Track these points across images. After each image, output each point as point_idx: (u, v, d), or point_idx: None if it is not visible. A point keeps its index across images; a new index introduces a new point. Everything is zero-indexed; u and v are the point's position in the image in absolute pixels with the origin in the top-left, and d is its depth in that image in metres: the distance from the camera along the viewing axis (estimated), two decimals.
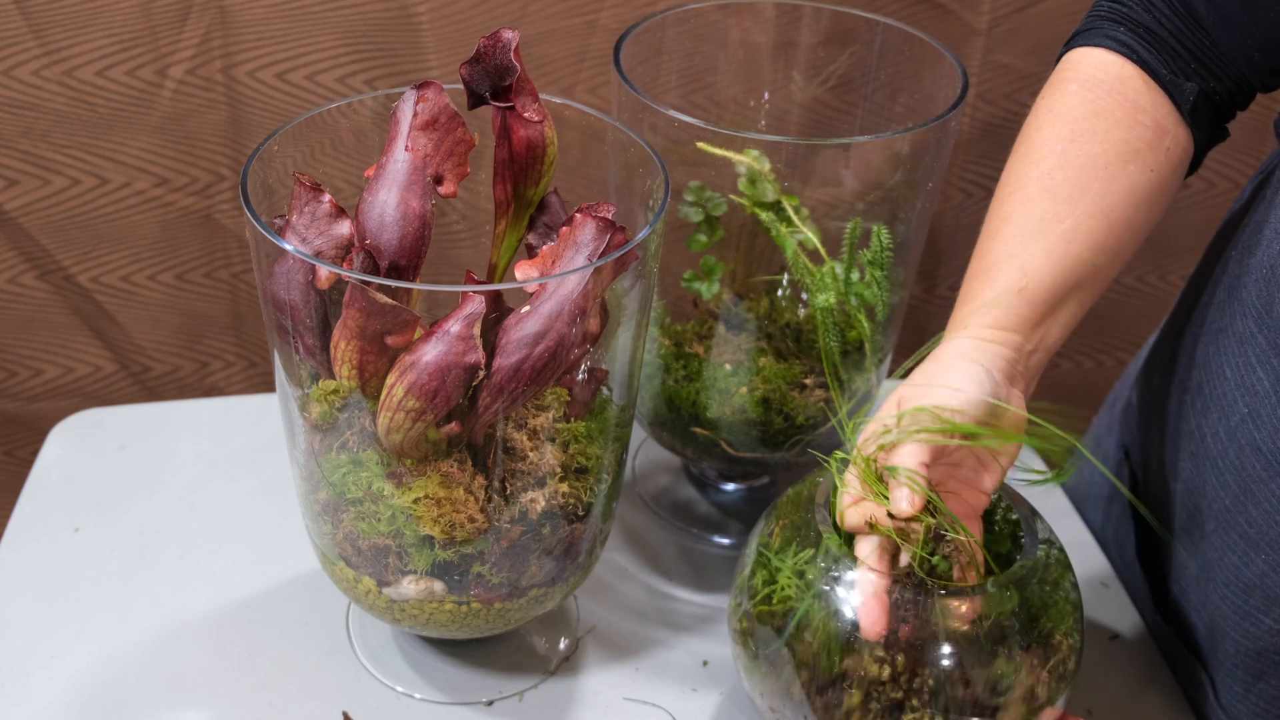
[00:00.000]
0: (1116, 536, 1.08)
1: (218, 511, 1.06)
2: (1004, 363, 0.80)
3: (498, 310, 0.79)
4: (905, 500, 0.74)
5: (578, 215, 0.74)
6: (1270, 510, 0.82)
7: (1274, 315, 0.81)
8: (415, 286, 0.75)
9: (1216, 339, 0.88)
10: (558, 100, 0.86)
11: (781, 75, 1.10)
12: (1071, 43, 0.87)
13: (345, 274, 0.72)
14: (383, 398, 0.75)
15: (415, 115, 0.78)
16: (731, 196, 0.93)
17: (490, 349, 0.74)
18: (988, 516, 0.86)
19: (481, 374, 0.73)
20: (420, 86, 0.78)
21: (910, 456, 0.75)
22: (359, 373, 0.75)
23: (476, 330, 0.72)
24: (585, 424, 0.82)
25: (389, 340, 0.73)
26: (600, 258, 0.73)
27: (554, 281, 0.73)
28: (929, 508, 0.76)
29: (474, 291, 0.72)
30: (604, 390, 0.84)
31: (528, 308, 0.73)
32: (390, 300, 0.71)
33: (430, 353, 0.72)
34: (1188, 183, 1.41)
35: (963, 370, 0.78)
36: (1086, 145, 0.82)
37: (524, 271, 0.74)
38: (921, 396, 0.78)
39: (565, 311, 0.73)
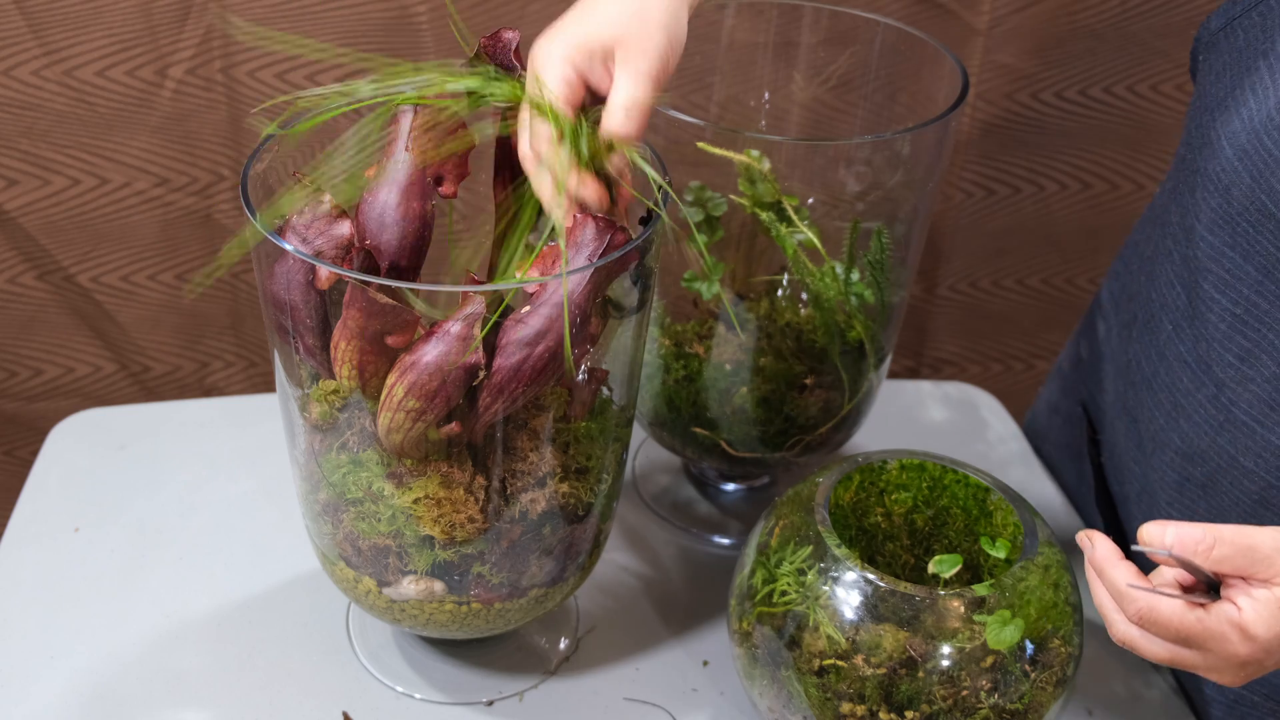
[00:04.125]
0: (1079, 492, 1.12)
1: (218, 511, 1.06)
2: None
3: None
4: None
5: (578, 215, 0.74)
6: (1199, 421, 0.84)
7: (1187, 229, 0.84)
8: (415, 286, 0.75)
9: (1147, 266, 0.92)
10: None
11: (781, 75, 1.10)
12: None
13: (345, 274, 0.72)
14: (383, 398, 0.75)
15: (415, 115, 0.78)
16: (731, 196, 0.93)
17: (490, 349, 0.74)
18: (988, 518, 0.86)
19: (481, 374, 0.73)
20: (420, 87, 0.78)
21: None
22: (359, 373, 0.75)
23: (477, 330, 0.72)
24: (585, 424, 0.82)
25: (389, 340, 0.73)
26: (600, 258, 0.73)
27: (554, 281, 0.73)
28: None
29: (474, 291, 0.72)
30: (604, 390, 0.84)
31: (528, 308, 0.73)
32: (390, 300, 0.71)
33: (430, 353, 0.72)
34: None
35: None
36: None
37: (524, 271, 0.74)
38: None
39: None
